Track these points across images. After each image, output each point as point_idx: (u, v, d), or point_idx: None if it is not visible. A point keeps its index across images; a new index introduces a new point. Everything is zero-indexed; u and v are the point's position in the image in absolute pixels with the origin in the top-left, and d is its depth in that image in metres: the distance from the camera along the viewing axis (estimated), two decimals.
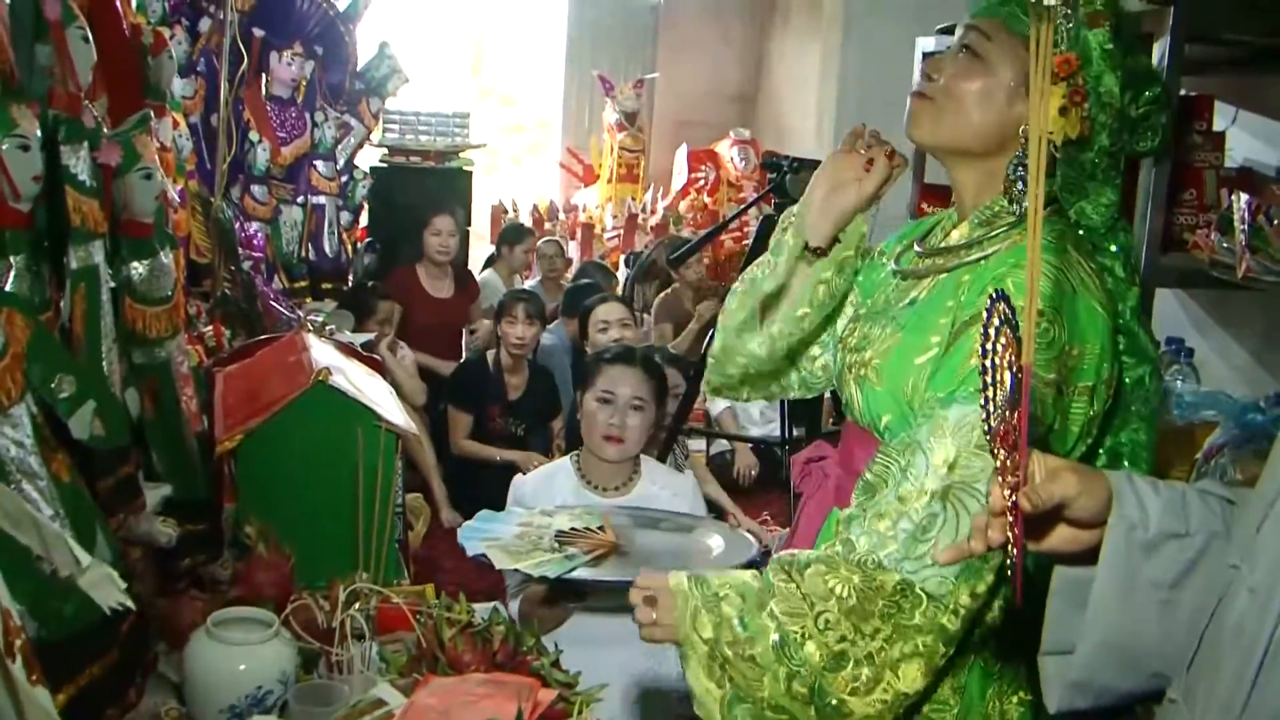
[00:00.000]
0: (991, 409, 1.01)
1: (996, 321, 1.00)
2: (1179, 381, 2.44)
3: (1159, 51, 2.03)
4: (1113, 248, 1.42)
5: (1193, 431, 2.26)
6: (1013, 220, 1.40)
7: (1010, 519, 1.01)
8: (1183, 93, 2.15)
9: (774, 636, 1.29)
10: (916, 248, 1.53)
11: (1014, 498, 1.01)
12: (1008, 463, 1.02)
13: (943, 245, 1.48)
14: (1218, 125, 2.59)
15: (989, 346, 1.01)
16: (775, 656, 1.29)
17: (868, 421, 1.48)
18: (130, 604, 1.23)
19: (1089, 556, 1.07)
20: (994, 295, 1.02)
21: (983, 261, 1.40)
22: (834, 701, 1.28)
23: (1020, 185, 1.39)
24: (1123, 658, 1.08)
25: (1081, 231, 1.41)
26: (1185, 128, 2.40)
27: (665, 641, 1.38)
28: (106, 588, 1.21)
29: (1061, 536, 1.08)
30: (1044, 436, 1.29)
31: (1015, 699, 1.44)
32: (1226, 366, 2.77)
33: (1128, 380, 1.44)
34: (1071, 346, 1.29)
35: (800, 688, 1.28)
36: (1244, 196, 1.99)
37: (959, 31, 1.46)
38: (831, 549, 1.33)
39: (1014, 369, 1.00)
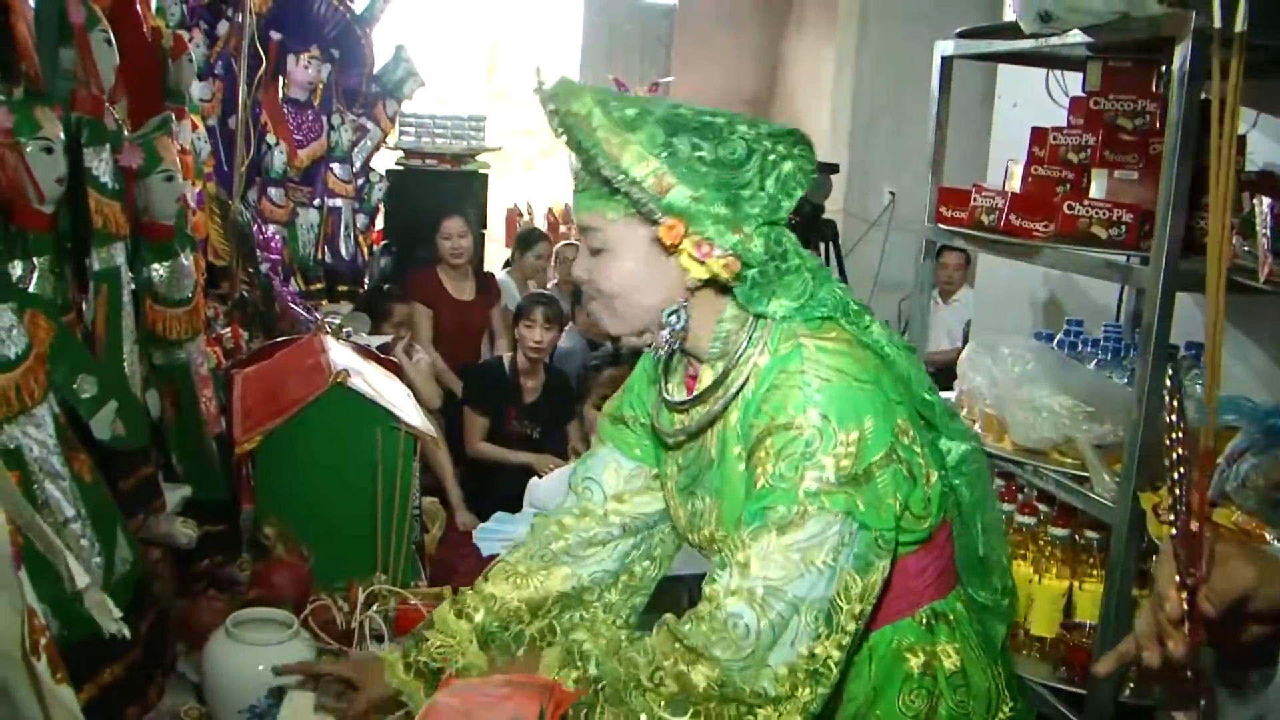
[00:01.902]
0: (1176, 509, 0.98)
1: (1172, 423, 0.97)
2: (1199, 386, 2.43)
3: (1180, 56, 2.03)
4: (820, 312, 1.40)
5: (1213, 437, 2.25)
6: (739, 344, 1.40)
7: (1187, 624, 0.95)
8: (1203, 96, 2.13)
9: (622, 682, 1.29)
10: (669, 402, 1.52)
11: (1191, 600, 0.95)
12: (1186, 564, 0.96)
13: (695, 396, 1.47)
14: (1238, 129, 2.57)
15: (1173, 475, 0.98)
16: (630, 696, 1.27)
17: None
18: (127, 632, 1.24)
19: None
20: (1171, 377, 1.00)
21: (740, 393, 1.39)
22: None
23: (665, 333, 1.41)
24: None
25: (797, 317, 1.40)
26: (1206, 131, 2.39)
27: None
28: (103, 613, 1.21)
29: (1251, 635, 0.99)
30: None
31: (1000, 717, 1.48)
32: (1247, 371, 2.75)
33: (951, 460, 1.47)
34: (846, 435, 1.28)
35: None
36: (1266, 200, 1.98)
37: (581, 237, 1.46)
38: (654, 638, 1.32)
39: (1180, 466, 0.96)
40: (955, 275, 5.95)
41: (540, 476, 2.82)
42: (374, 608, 1.90)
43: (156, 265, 1.98)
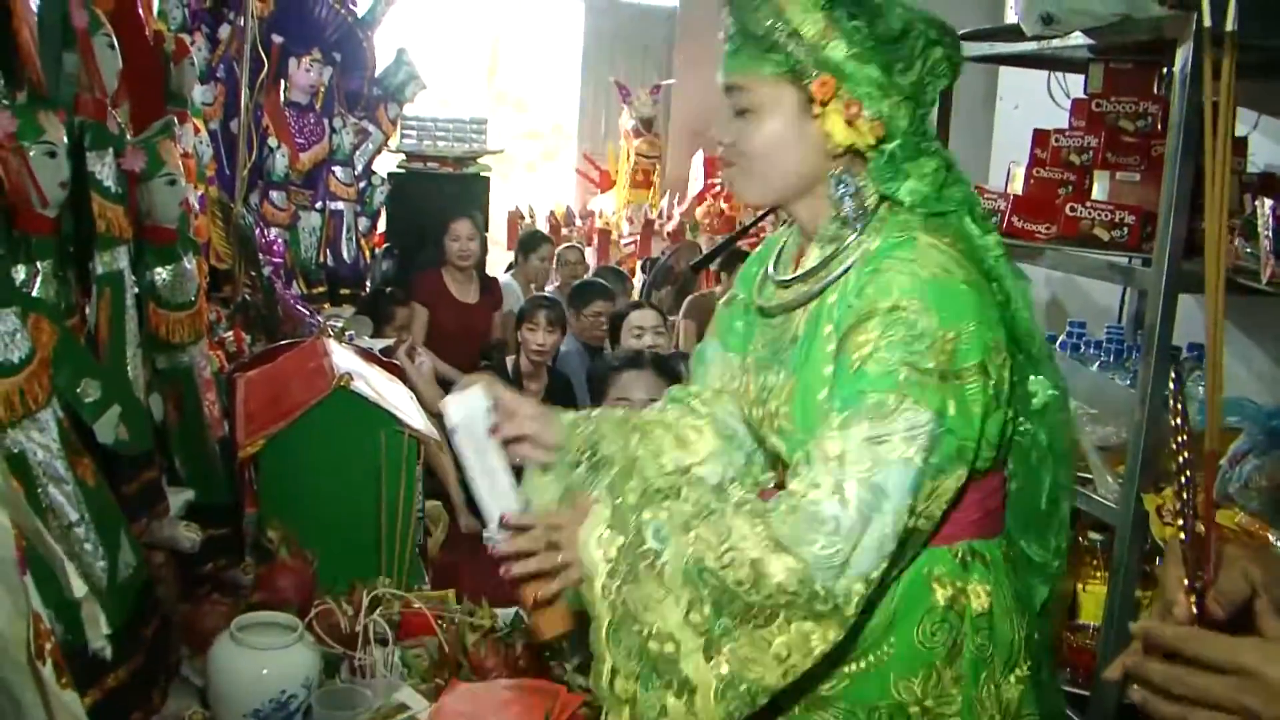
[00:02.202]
0: (1184, 513, 0.96)
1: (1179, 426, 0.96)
2: (1201, 388, 2.43)
3: (1182, 58, 2.03)
4: (950, 215, 1.42)
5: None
6: (859, 235, 1.41)
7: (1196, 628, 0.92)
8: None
9: (688, 559, 1.28)
10: (773, 279, 1.53)
11: (1199, 603, 0.93)
12: (1194, 567, 0.94)
13: (799, 274, 1.48)
14: (1240, 130, 2.57)
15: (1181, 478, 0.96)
16: (683, 580, 1.27)
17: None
18: (108, 654, 1.24)
19: None
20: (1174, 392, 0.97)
21: (843, 277, 1.40)
22: (734, 629, 1.26)
23: (845, 200, 1.41)
24: None
25: (920, 209, 1.41)
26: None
27: (567, 584, 1.36)
28: (93, 627, 1.22)
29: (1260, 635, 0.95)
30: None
31: (1012, 678, 1.44)
32: (1249, 373, 2.75)
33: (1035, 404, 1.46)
34: (945, 331, 1.28)
35: (697, 617, 1.27)
36: (1268, 202, 1.98)
37: (726, 97, 1.47)
38: (765, 507, 1.31)
39: (1186, 470, 0.95)
40: None
41: None
42: (378, 611, 1.90)
43: (159, 269, 1.98)
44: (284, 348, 2.72)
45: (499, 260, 6.75)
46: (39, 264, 1.61)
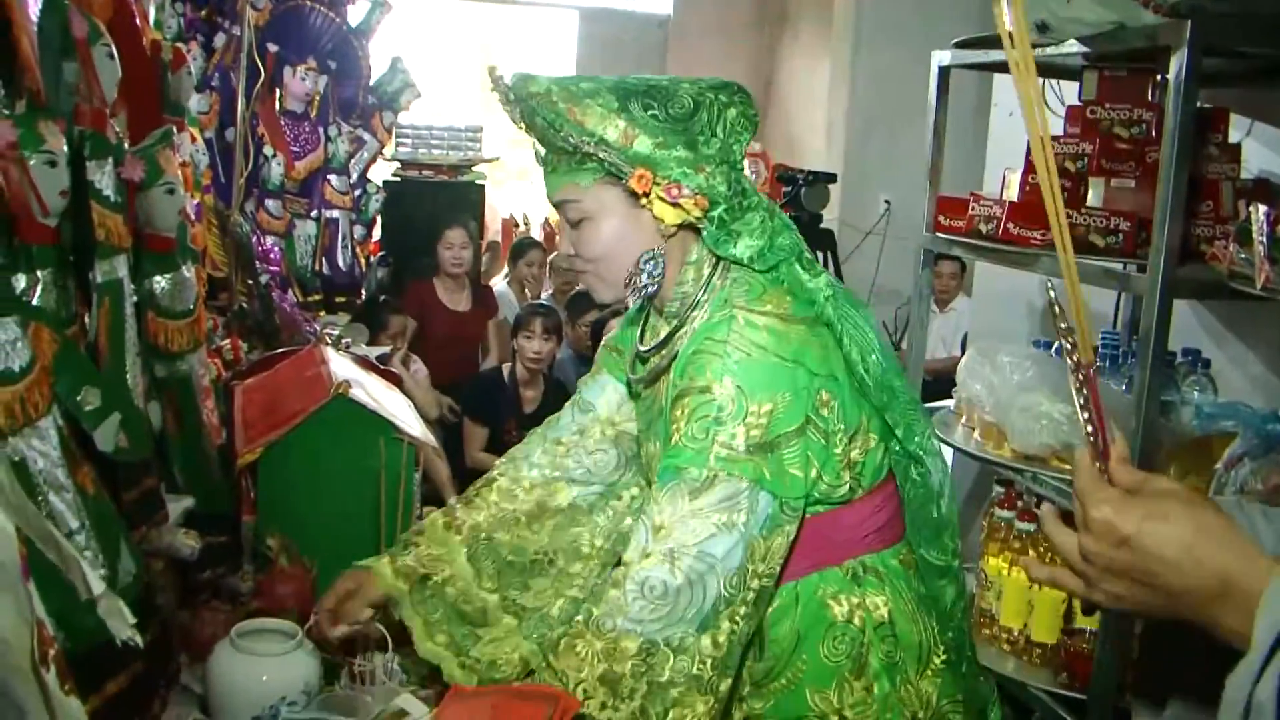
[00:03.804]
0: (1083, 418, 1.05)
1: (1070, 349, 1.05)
2: (1196, 392, 2.44)
3: (1176, 65, 2.04)
4: (782, 257, 1.49)
5: (1210, 442, 2.26)
6: (697, 304, 1.49)
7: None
8: (1199, 105, 2.15)
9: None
10: (640, 349, 1.62)
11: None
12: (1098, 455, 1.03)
13: (649, 348, 1.58)
14: (1233, 137, 2.59)
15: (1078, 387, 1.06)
16: None
17: None
18: (139, 640, 1.24)
19: None
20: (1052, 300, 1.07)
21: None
22: None
23: (643, 276, 1.50)
24: None
25: (757, 263, 1.48)
26: (1202, 140, 2.41)
27: None
28: (117, 619, 1.21)
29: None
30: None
31: (928, 672, 1.50)
32: (1244, 377, 2.77)
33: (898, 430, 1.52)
34: (757, 407, 1.35)
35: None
36: (1262, 207, 1.99)
37: (559, 209, 1.55)
38: (578, 621, 1.35)
39: (1079, 372, 1.05)
40: (950, 284, 5.97)
41: None
42: (377, 617, 1.90)
43: (158, 277, 1.98)
44: (281, 355, 2.72)
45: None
46: (39, 273, 1.61)
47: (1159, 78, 2.58)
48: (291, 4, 4.83)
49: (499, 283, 6.10)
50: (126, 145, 1.91)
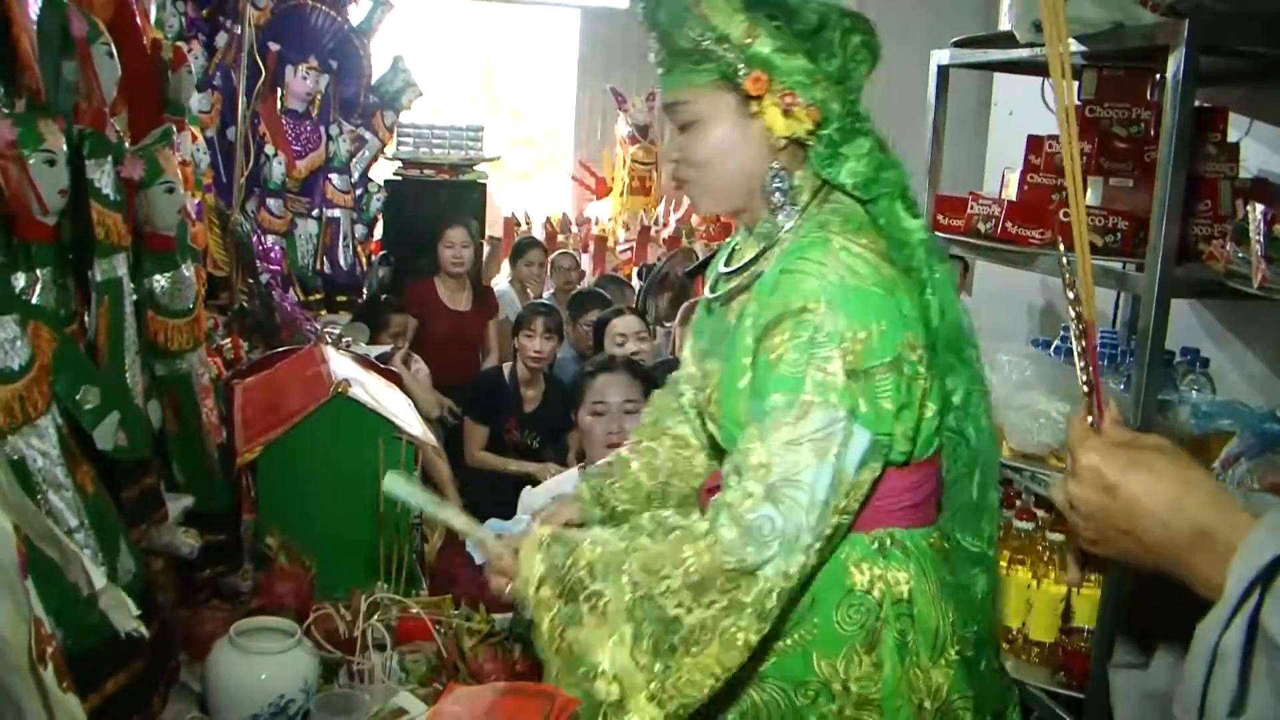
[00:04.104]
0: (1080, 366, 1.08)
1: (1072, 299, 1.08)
2: (1194, 391, 2.44)
3: (1174, 65, 2.04)
4: (883, 195, 1.48)
5: (1208, 441, 2.26)
6: (791, 229, 1.48)
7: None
8: (1197, 104, 2.15)
9: (626, 596, 1.34)
10: (722, 271, 1.60)
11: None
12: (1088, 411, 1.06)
13: (735, 268, 1.56)
14: (1232, 136, 2.59)
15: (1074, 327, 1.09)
16: (626, 615, 1.33)
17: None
18: (144, 630, 1.24)
19: None
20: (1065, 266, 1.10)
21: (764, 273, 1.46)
22: (673, 663, 1.32)
23: (777, 194, 1.48)
24: None
25: (856, 194, 1.48)
26: (1200, 139, 2.41)
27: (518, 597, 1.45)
28: (121, 612, 1.22)
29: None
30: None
31: (941, 661, 1.47)
32: (1242, 376, 2.77)
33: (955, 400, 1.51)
34: (853, 332, 1.34)
35: (642, 658, 1.33)
36: (1260, 207, 1.99)
37: (666, 115, 1.57)
38: (694, 523, 1.37)
39: (1080, 326, 1.07)
40: None
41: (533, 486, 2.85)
42: (376, 616, 1.90)
43: (158, 276, 1.98)
44: (281, 354, 2.73)
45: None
46: (38, 271, 1.62)
47: (1157, 77, 2.58)
48: (293, 3, 4.84)
49: (500, 282, 6.09)
50: (127, 144, 1.92)
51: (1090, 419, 1.05)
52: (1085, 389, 1.07)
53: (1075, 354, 1.08)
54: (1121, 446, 1.00)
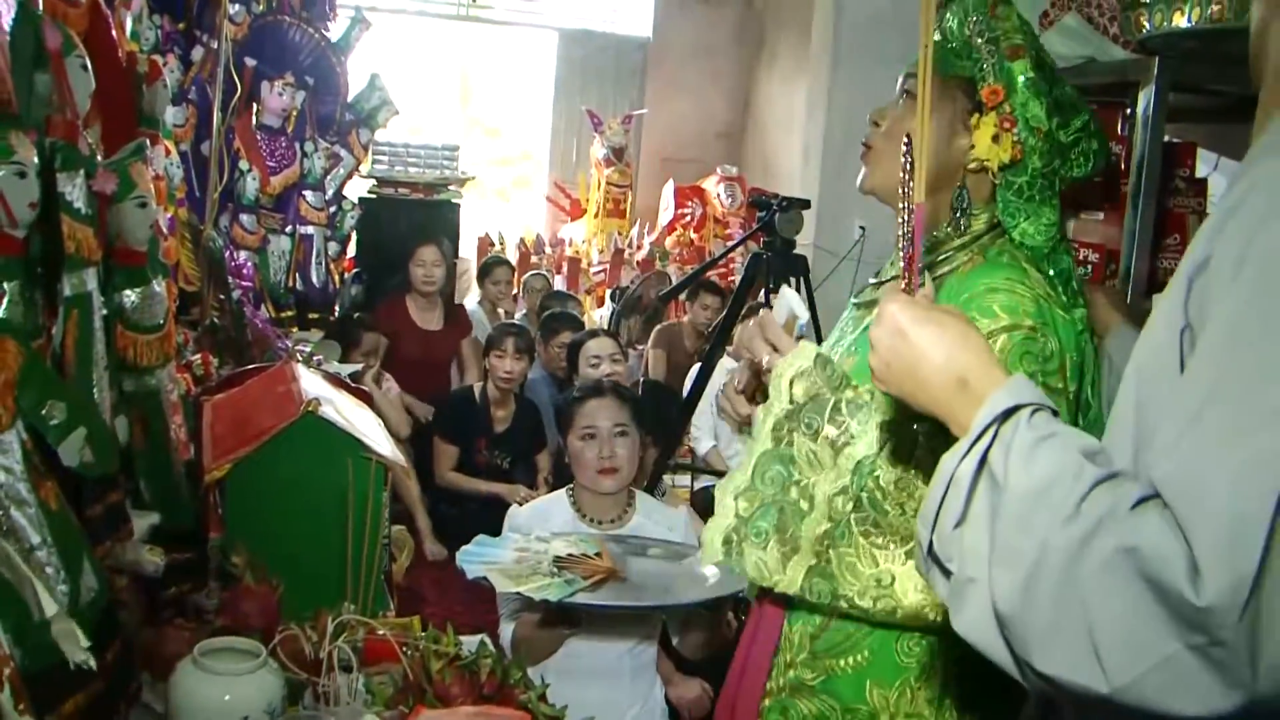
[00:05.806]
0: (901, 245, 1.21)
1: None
2: None
3: (1144, 100, 2.07)
4: (1051, 272, 1.49)
5: None
6: (957, 246, 1.50)
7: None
8: (1166, 140, 2.18)
9: (863, 448, 1.35)
10: (871, 281, 1.65)
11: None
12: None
13: (891, 276, 1.58)
14: (1200, 172, 2.62)
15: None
16: (854, 465, 1.34)
17: None
18: (93, 664, 1.22)
19: None
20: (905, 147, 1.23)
21: (937, 281, 1.48)
22: (841, 533, 1.34)
23: (962, 217, 1.51)
24: None
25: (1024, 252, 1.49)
26: (1169, 174, 2.44)
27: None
28: (70, 641, 1.20)
29: None
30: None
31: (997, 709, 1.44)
32: None
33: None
34: (1065, 356, 1.38)
35: (840, 505, 1.34)
36: None
37: (900, 81, 1.59)
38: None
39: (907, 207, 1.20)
40: None
41: (518, 504, 2.83)
42: (342, 637, 1.88)
43: (128, 291, 1.96)
44: (252, 372, 2.70)
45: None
46: (6, 285, 1.59)
47: (1128, 111, 2.62)
48: (270, 19, 4.83)
49: (470, 303, 6.08)
50: (100, 157, 1.90)
51: (904, 286, 1.19)
52: (904, 264, 1.21)
53: (899, 234, 1.20)
54: (921, 304, 1.13)
